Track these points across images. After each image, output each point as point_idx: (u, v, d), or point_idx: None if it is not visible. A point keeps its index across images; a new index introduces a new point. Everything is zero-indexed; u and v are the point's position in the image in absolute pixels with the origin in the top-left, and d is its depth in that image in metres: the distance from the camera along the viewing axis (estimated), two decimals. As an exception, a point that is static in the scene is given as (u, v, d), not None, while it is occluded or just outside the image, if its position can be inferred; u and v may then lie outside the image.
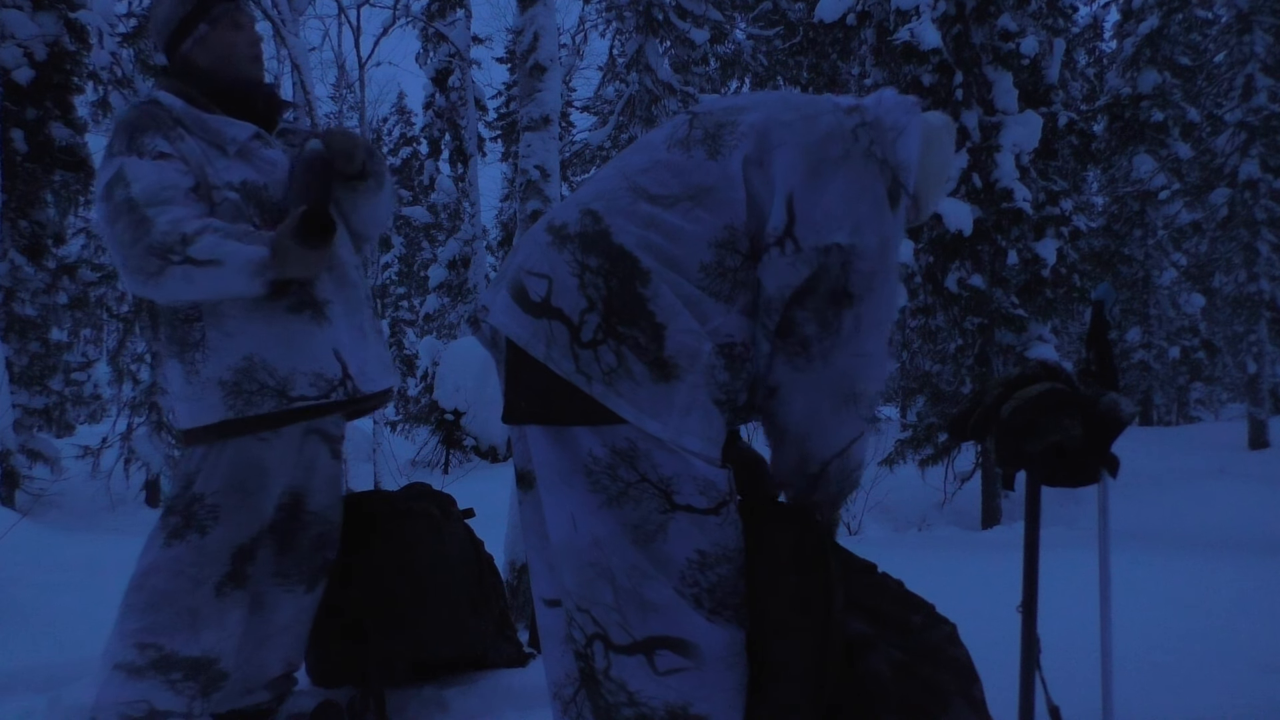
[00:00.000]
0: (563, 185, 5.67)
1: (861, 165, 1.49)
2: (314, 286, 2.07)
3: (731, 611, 1.48)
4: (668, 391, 1.41)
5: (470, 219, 14.44)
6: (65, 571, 4.42)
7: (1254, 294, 13.22)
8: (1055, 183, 8.89)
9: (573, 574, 1.50)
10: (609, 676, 1.48)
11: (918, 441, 9.16)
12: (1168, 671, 2.66)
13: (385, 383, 2.21)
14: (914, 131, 1.53)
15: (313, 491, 2.24)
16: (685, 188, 1.48)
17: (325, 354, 2.06)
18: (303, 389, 2.02)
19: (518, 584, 3.41)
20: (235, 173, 2.06)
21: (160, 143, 2.00)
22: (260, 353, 2.00)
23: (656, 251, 1.44)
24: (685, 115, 1.60)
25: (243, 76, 2.15)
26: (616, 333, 1.41)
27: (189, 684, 2.01)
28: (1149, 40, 14.39)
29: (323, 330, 2.07)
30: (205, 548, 2.02)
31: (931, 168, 1.63)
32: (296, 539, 2.21)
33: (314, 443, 2.22)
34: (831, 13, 10.05)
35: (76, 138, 8.92)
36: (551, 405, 1.47)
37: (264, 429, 2.04)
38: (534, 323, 1.46)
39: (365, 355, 2.14)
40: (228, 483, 2.04)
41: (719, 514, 1.47)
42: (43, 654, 3.27)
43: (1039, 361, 2.03)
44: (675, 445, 1.43)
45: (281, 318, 2.02)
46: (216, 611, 2.03)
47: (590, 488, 1.45)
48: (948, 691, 1.45)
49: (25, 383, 9.03)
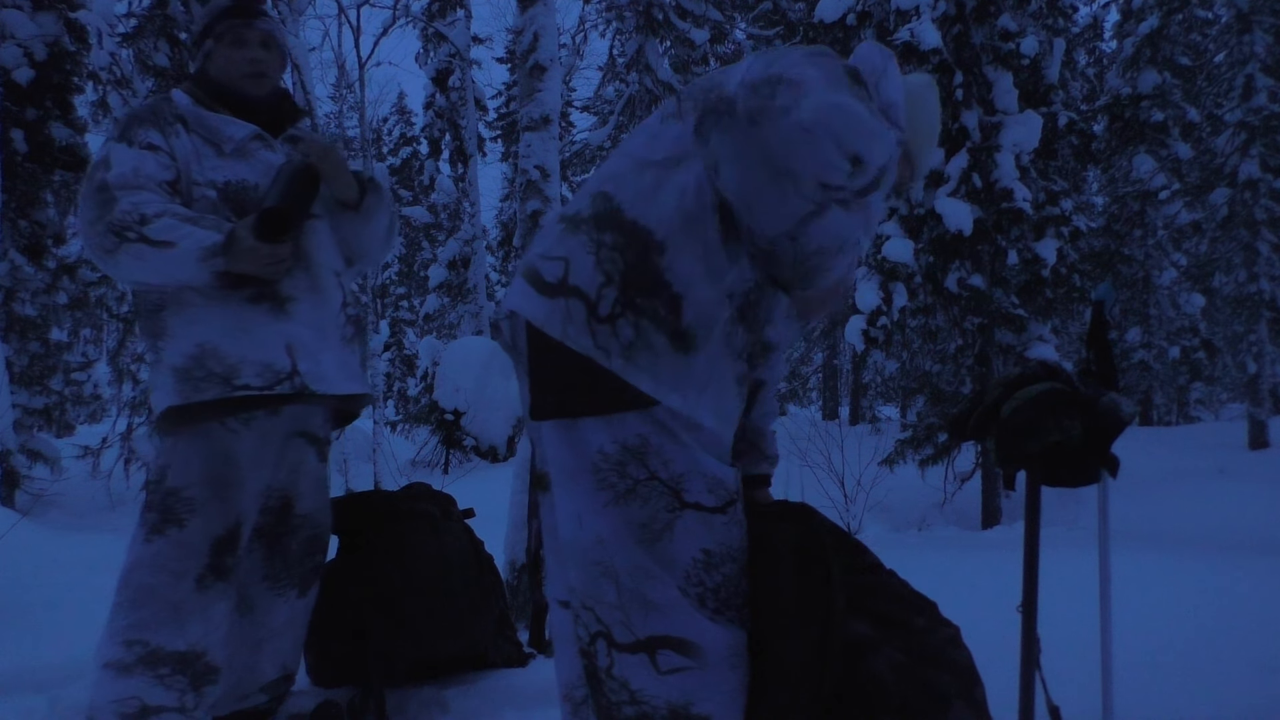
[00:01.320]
0: (563, 185, 5.66)
1: (841, 76, 1.40)
2: (281, 282, 2.09)
3: (735, 612, 1.48)
4: (687, 364, 1.42)
5: (470, 219, 14.44)
6: (65, 571, 4.42)
7: (1254, 294, 13.21)
8: (1055, 183, 8.89)
9: (578, 572, 1.51)
10: (611, 675, 1.48)
11: (918, 441, 9.15)
12: (1168, 671, 2.66)
13: (345, 387, 2.18)
14: (894, 74, 1.51)
15: (300, 494, 2.25)
16: (683, 150, 1.47)
17: (276, 346, 2.07)
18: (248, 378, 2.04)
19: (518, 584, 3.41)
20: (223, 172, 2.10)
21: (153, 135, 2.08)
22: (213, 340, 2.04)
23: (667, 221, 1.44)
24: (675, 95, 1.61)
25: (239, 90, 2.20)
26: (634, 305, 1.42)
27: (178, 678, 2.02)
28: (1149, 40, 14.39)
29: (279, 323, 2.08)
30: (184, 541, 2.04)
31: (920, 125, 1.61)
32: (285, 542, 2.23)
33: (299, 445, 2.23)
34: (831, 13, 10.06)
35: (76, 138, 8.91)
36: (571, 394, 1.47)
37: (210, 417, 2.06)
38: (550, 302, 1.46)
39: (323, 356, 2.13)
40: (200, 475, 2.07)
41: (726, 513, 1.48)
42: (43, 654, 3.27)
43: (1039, 361, 2.03)
44: (691, 421, 1.43)
45: (238, 307, 2.06)
46: (199, 604, 2.04)
47: (597, 486, 1.46)
48: (948, 694, 1.45)
49: (25, 383, 9.02)
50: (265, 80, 2.24)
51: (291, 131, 2.27)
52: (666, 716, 1.45)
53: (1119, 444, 1.90)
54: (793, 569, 1.49)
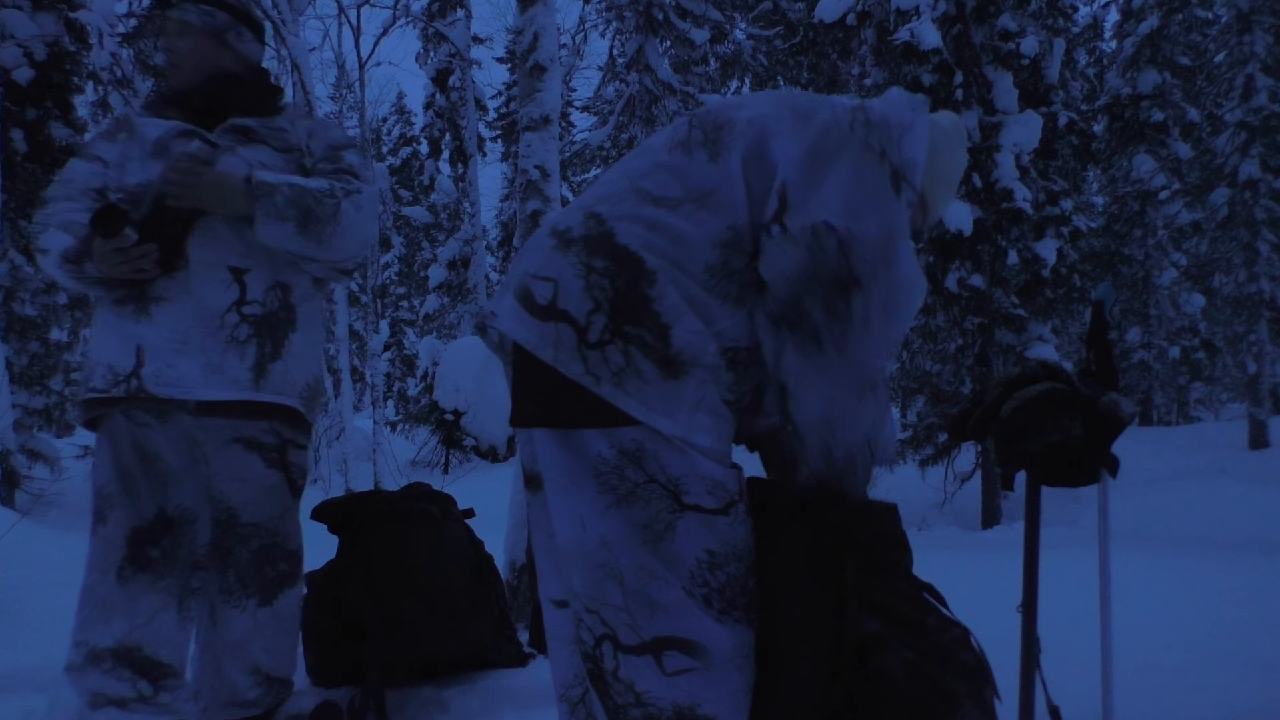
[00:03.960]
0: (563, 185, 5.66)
1: (859, 155, 1.47)
2: (151, 284, 2.08)
3: (741, 612, 1.48)
4: (677, 388, 1.42)
5: (470, 219, 14.44)
6: (65, 571, 4.39)
7: (1254, 294, 13.21)
8: (1055, 183, 8.89)
9: (581, 575, 1.50)
10: (618, 677, 1.48)
11: (918, 441, 9.16)
12: (1168, 671, 2.66)
13: (205, 393, 2.07)
14: (920, 130, 1.51)
15: (247, 504, 2.20)
16: (687, 191, 1.48)
17: (126, 348, 2.08)
18: (96, 380, 2.09)
19: (518, 584, 3.41)
20: (136, 175, 2.13)
21: (103, 147, 2.18)
22: (94, 343, 2.15)
23: (660, 253, 1.44)
24: (685, 118, 1.60)
25: (169, 84, 2.26)
26: (623, 333, 1.41)
27: (122, 670, 2.02)
28: (1149, 40, 14.40)
29: (136, 325, 2.08)
30: (107, 537, 2.08)
31: (939, 170, 1.60)
32: (236, 553, 2.20)
33: (238, 452, 2.17)
34: (831, 13, 10.05)
35: (76, 138, 8.90)
36: (559, 408, 1.46)
37: (112, 413, 2.12)
38: (541, 326, 1.46)
39: (178, 359, 2.05)
40: (112, 469, 2.11)
41: (729, 514, 1.47)
42: (43, 654, 3.26)
43: (1039, 361, 2.03)
44: (685, 443, 1.43)
45: (109, 310, 2.12)
46: (122, 598, 2.03)
47: (599, 489, 1.45)
48: (958, 694, 1.44)
49: (25, 383, 9.03)
50: (180, 71, 2.20)
51: (237, 122, 2.18)
52: (672, 718, 1.45)
53: (1119, 444, 1.90)
54: (806, 570, 1.48)
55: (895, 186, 1.48)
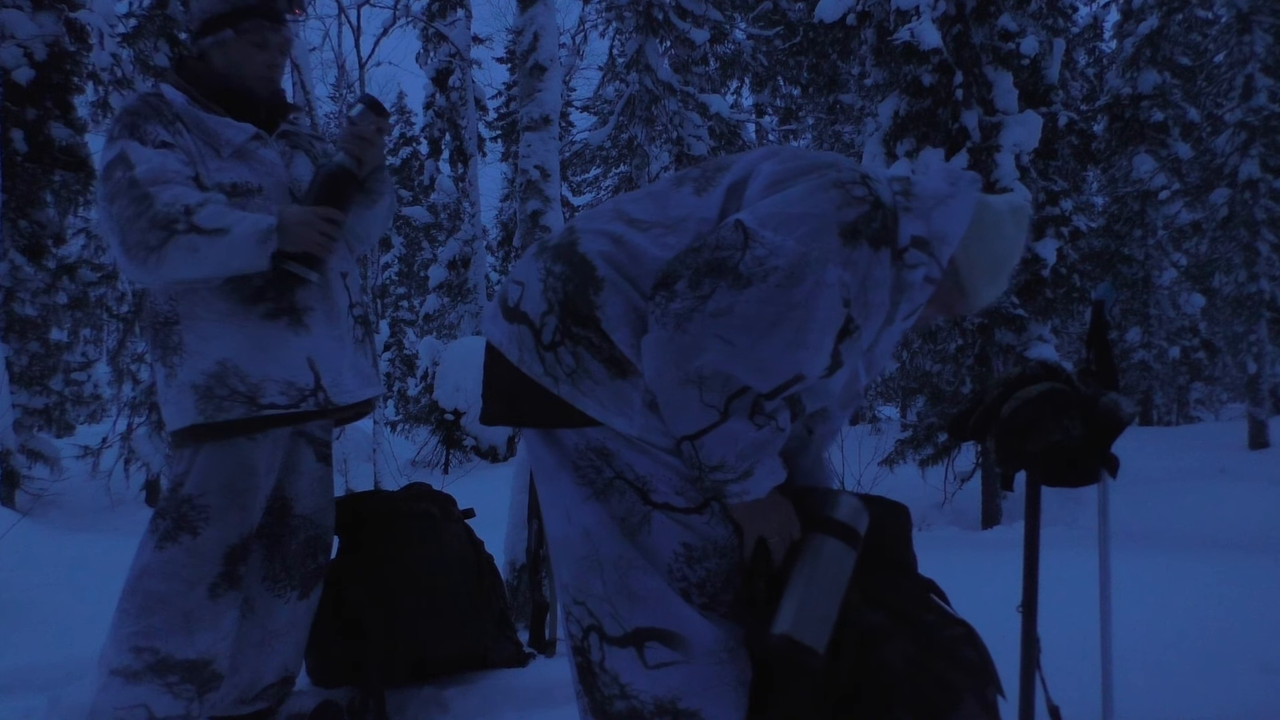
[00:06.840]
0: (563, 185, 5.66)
1: (820, 187, 1.40)
2: (295, 293, 2.05)
3: (725, 607, 1.48)
4: (628, 388, 1.44)
5: (470, 219, 14.44)
6: (65, 571, 4.41)
7: (1254, 294, 13.20)
8: (1055, 183, 8.88)
9: (568, 567, 1.53)
10: (604, 669, 1.49)
11: (918, 441, 9.15)
12: (1168, 671, 2.66)
13: (363, 394, 2.18)
14: (960, 204, 1.45)
15: (299, 495, 2.23)
16: (663, 217, 1.49)
17: (299, 362, 2.05)
18: (273, 397, 2.02)
19: (518, 584, 3.41)
20: (228, 174, 2.06)
21: (162, 132, 2.02)
22: (234, 358, 2.00)
23: (616, 265, 1.46)
24: (703, 163, 1.62)
25: (247, 88, 2.15)
26: (572, 334, 1.45)
27: (186, 686, 2.01)
28: (1149, 40, 14.38)
29: (299, 338, 2.05)
30: (198, 549, 2.03)
31: (983, 253, 1.51)
32: (285, 543, 2.21)
33: (299, 446, 2.22)
34: (831, 13, 10.03)
35: (76, 138, 8.90)
36: (519, 407, 1.51)
37: (236, 432, 2.03)
38: (509, 327, 1.52)
39: (342, 366, 2.12)
40: (217, 483, 2.05)
41: (703, 513, 1.48)
42: (43, 654, 3.26)
43: (1039, 361, 2.03)
44: (645, 442, 1.45)
45: (256, 323, 2.02)
46: (211, 613, 2.03)
47: (578, 480, 1.49)
48: (960, 689, 1.45)
49: (25, 383, 9.02)
50: (274, 84, 2.22)
51: (284, 128, 2.23)
52: (654, 711, 1.46)
53: (1119, 444, 1.90)
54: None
55: (863, 235, 1.38)
